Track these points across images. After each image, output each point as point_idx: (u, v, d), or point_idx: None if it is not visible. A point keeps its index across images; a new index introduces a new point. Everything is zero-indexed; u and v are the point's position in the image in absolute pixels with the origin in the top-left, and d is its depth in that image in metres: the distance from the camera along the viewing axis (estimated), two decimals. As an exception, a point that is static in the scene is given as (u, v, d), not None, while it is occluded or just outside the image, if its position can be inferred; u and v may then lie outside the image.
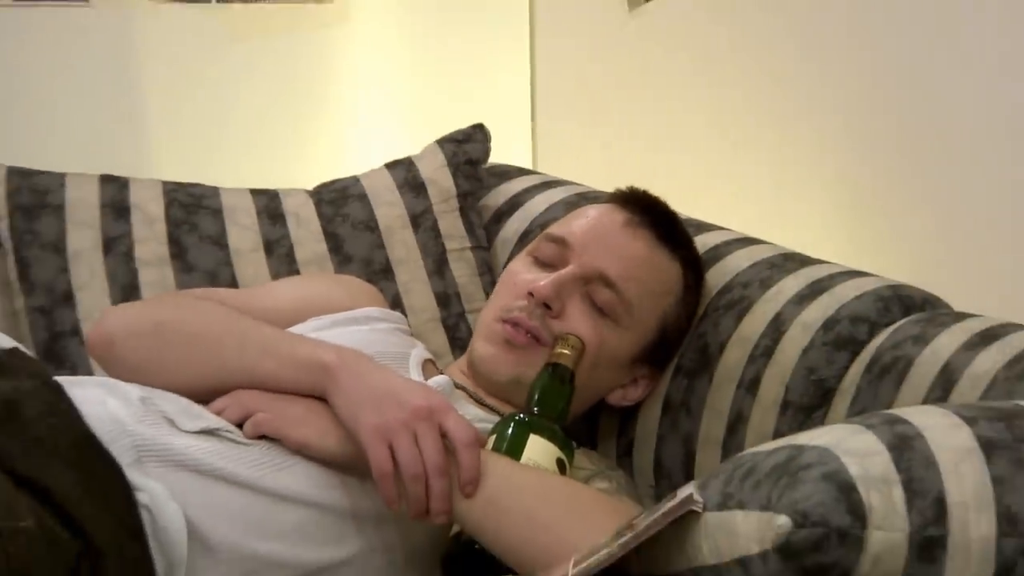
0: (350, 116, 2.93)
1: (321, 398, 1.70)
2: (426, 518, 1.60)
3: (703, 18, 2.37)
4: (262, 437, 1.70)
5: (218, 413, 1.72)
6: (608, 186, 2.09)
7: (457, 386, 1.91)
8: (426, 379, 1.86)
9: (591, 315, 1.89)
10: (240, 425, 1.71)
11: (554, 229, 2.00)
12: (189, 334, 1.84)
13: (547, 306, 1.87)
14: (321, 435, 1.70)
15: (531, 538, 1.62)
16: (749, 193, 2.27)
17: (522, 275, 1.95)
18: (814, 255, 1.99)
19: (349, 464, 1.69)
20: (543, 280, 1.89)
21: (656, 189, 2.02)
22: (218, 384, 1.78)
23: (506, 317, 1.91)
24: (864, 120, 2.17)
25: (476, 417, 1.82)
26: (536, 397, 1.78)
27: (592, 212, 2.00)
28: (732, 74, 2.33)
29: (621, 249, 1.92)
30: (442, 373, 1.94)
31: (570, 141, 2.61)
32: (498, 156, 2.45)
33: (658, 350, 1.96)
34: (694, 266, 1.99)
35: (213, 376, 1.79)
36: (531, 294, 1.88)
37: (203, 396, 1.76)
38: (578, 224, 1.97)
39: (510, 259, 2.16)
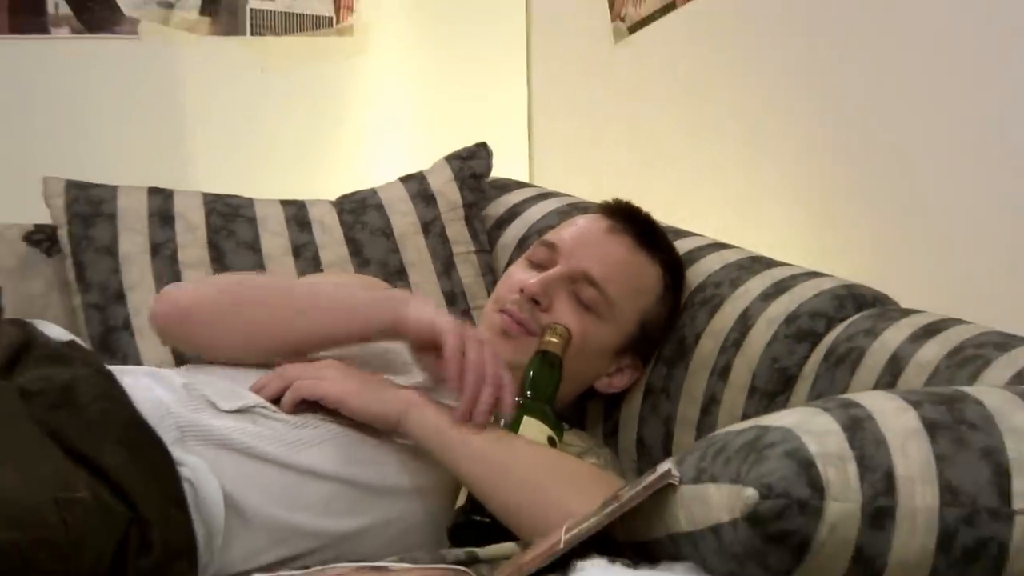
0: (368, 135, 2.93)
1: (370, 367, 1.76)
2: (468, 420, 1.65)
3: (680, 50, 2.37)
4: (299, 406, 1.71)
5: (259, 389, 1.73)
6: (597, 197, 2.10)
7: None
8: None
9: (576, 310, 1.89)
10: (278, 401, 1.71)
11: (547, 235, 2.01)
12: (261, 300, 1.85)
13: (536, 301, 1.88)
14: (355, 393, 1.71)
15: (529, 502, 1.63)
16: (722, 203, 2.27)
17: (517, 274, 1.95)
18: (778, 258, 1.99)
19: (375, 420, 1.71)
20: (533, 278, 1.90)
21: (640, 200, 2.02)
22: (293, 343, 1.80)
23: (500, 308, 1.92)
24: (823, 142, 2.17)
25: None
26: (528, 381, 1.80)
27: (580, 220, 2.01)
28: (706, 98, 2.33)
29: (604, 252, 1.93)
30: None
31: (563, 157, 2.61)
32: (499, 171, 2.46)
33: (640, 343, 1.96)
34: (674, 268, 1.99)
35: (288, 335, 1.81)
36: (522, 290, 1.89)
37: (278, 357, 1.78)
38: (567, 230, 1.98)
39: (510, 262, 2.18)
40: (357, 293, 1.88)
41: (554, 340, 1.82)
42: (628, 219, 1.98)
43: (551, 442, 1.76)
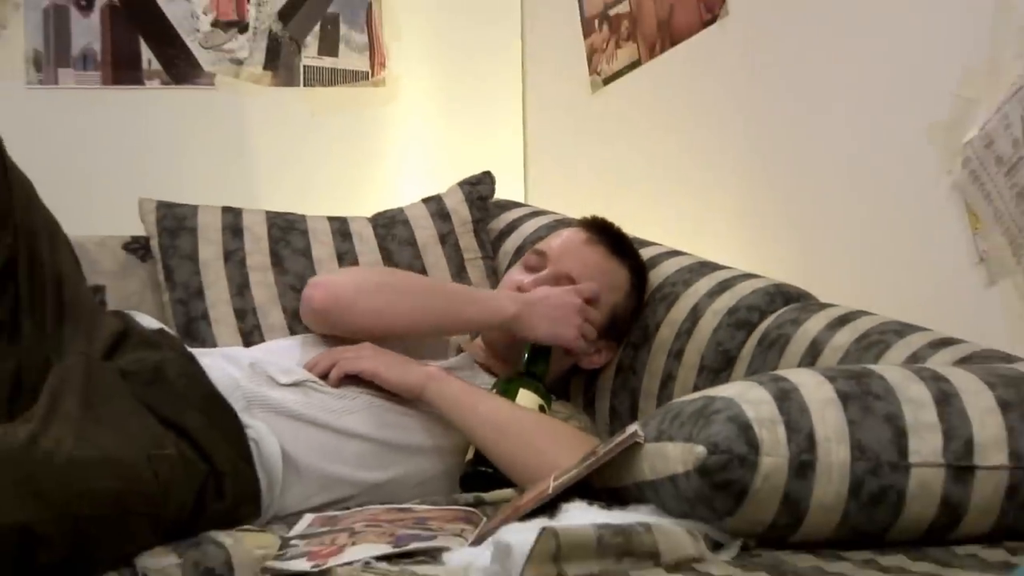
0: (396, 165, 2.93)
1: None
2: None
3: (643, 99, 2.37)
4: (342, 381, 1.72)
5: (311, 367, 1.72)
6: (578, 214, 2.10)
7: (475, 361, 1.92)
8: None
9: None
10: (325, 376, 1.72)
11: (538, 245, 2.01)
12: (407, 289, 1.86)
13: None
14: (386, 368, 1.72)
15: (524, 456, 1.63)
16: (678, 219, 2.27)
17: (515, 276, 1.95)
18: (722, 263, 1.99)
19: (402, 390, 1.73)
20: (528, 279, 1.90)
21: (612, 216, 2.03)
22: (434, 327, 1.86)
23: None
24: (757, 171, 2.17)
25: (485, 382, 1.83)
26: (525, 361, 1.81)
27: (564, 232, 2.00)
28: (664, 137, 2.33)
29: (583, 258, 1.93)
30: (463, 352, 1.94)
31: (551, 183, 2.60)
32: (500, 193, 2.46)
33: (611, 329, 1.95)
34: (639, 272, 1.99)
35: (431, 320, 1.84)
36: (520, 289, 1.89)
37: (421, 337, 1.85)
38: (554, 241, 1.98)
39: (509, 266, 2.18)
40: (479, 293, 1.98)
41: None
42: (602, 232, 1.98)
43: (542, 409, 1.77)
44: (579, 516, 1.26)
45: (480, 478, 1.68)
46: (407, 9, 2.94)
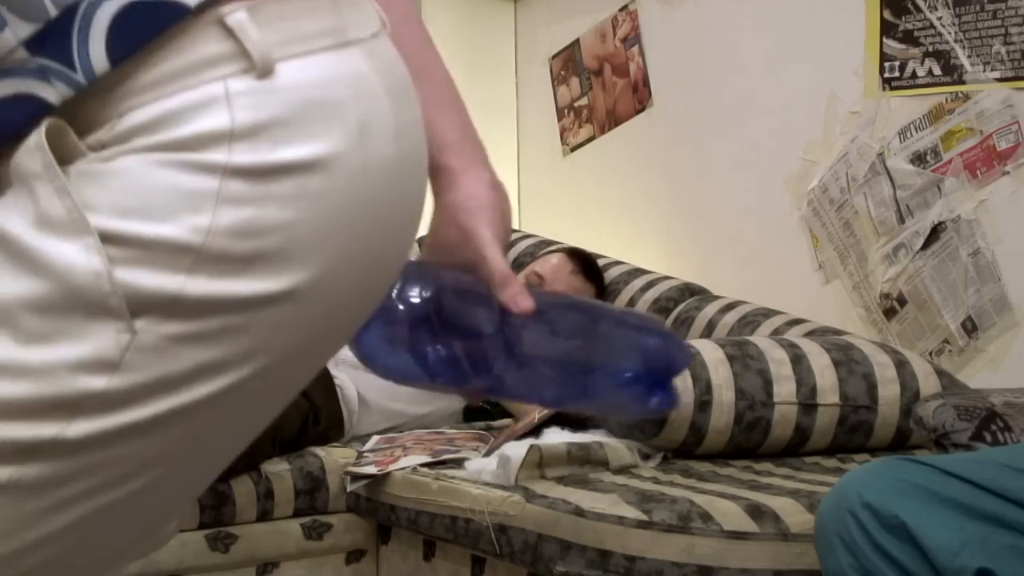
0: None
1: None
2: None
3: (598, 162, 2.36)
4: None
5: None
6: (555, 237, 2.08)
7: None
8: None
9: None
10: None
11: (536, 267, 1.87)
12: None
13: None
14: None
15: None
16: (622, 239, 2.25)
17: None
18: (650, 269, 1.97)
19: None
20: None
21: (578, 236, 2.00)
22: None
23: None
24: (673, 210, 2.16)
25: None
26: None
27: (555, 259, 1.87)
28: (612, 185, 2.31)
29: (568, 283, 1.82)
30: None
31: (537, 216, 2.58)
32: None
33: None
34: (602, 289, 1.89)
35: None
36: None
37: None
38: (550, 266, 1.85)
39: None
40: None
41: None
42: (581, 262, 1.87)
43: None
44: (555, 437, 1.25)
45: (483, 411, 1.67)
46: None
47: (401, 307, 0.60)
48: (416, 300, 0.60)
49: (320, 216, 0.40)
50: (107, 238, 0.38)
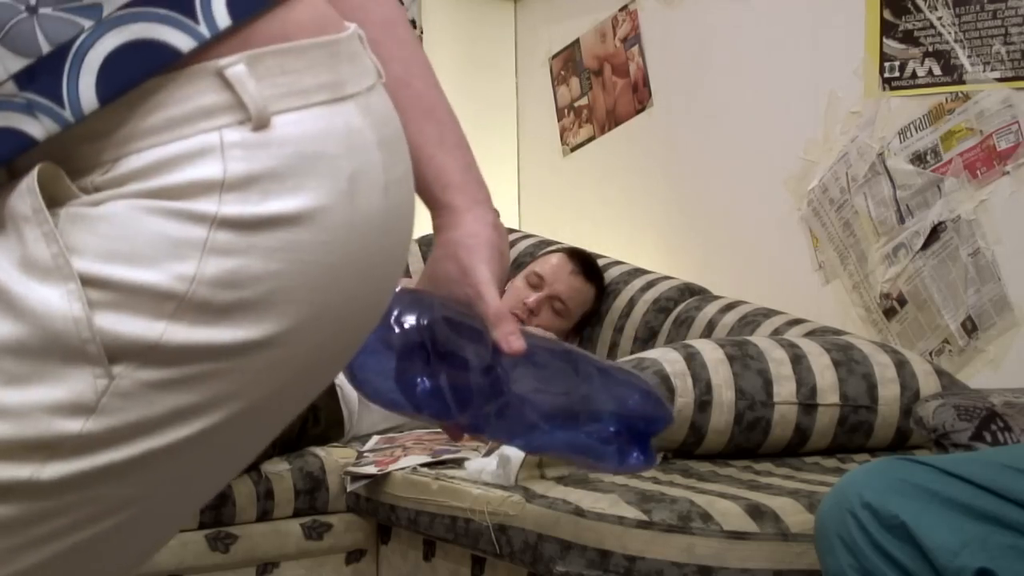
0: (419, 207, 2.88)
1: None
2: None
3: (598, 161, 2.36)
4: None
5: None
6: (555, 237, 2.07)
7: None
8: None
9: (551, 314, 1.82)
10: None
11: (536, 267, 1.87)
12: None
13: (531, 310, 1.80)
14: None
15: None
16: (621, 238, 2.25)
17: (521, 291, 1.83)
18: (650, 269, 1.97)
19: None
20: (531, 297, 1.80)
21: (578, 235, 2.00)
22: None
23: (511, 311, 1.85)
24: (672, 209, 2.16)
25: None
26: None
27: (554, 259, 1.87)
28: (611, 184, 2.31)
29: (568, 284, 1.82)
30: None
31: (537, 215, 2.58)
32: (502, 224, 2.42)
33: (581, 326, 1.89)
34: (601, 289, 1.89)
35: None
36: (525, 303, 1.80)
37: None
38: (550, 267, 1.85)
39: (510, 278, 2.11)
40: None
41: None
42: (581, 262, 1.87)
43: None
44: (555, 437, 1.25)
45: None
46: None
47: (395, 333, 0.61)
48: (411, 327, 0.61)
49: (304, 269, 0.41)
50: (91, 282, 0.38)
